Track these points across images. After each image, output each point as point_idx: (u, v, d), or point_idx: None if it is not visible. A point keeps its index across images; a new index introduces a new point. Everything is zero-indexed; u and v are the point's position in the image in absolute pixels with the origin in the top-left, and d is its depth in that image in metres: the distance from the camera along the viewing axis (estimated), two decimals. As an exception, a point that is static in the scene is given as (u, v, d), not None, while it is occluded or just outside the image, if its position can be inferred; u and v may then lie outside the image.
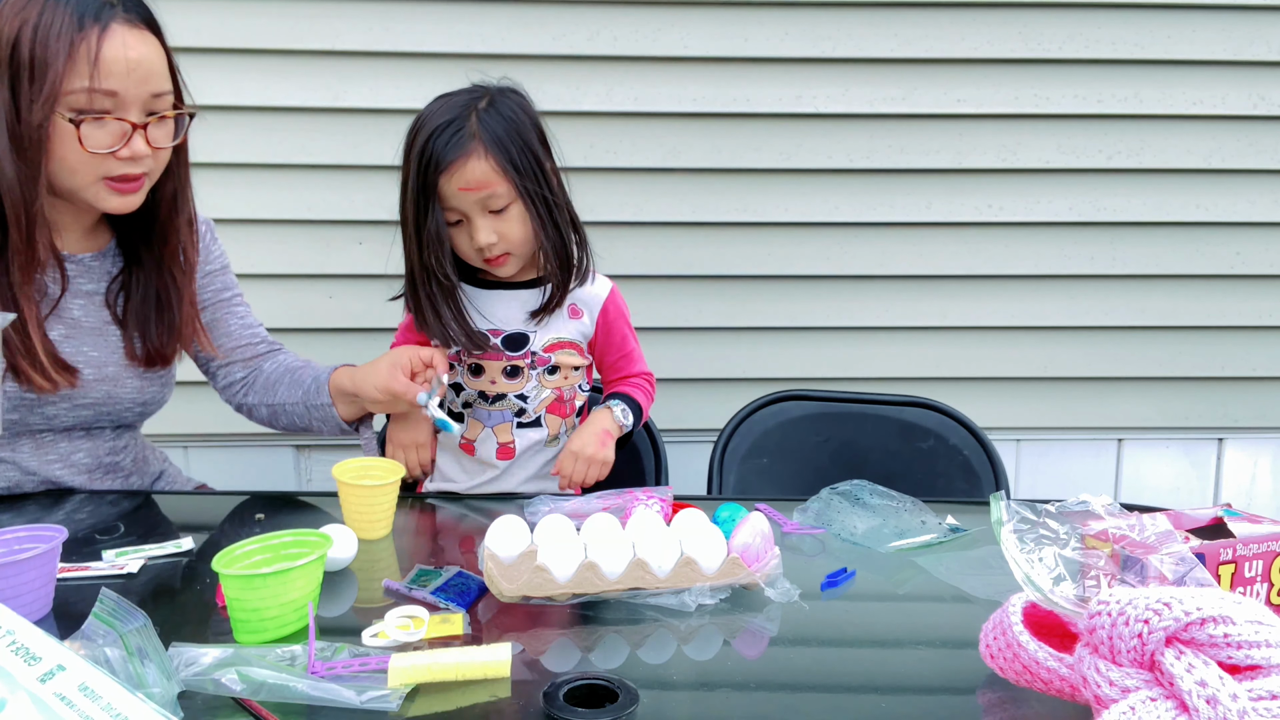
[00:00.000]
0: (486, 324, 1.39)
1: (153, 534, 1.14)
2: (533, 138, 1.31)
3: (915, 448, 1.71)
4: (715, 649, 0.86)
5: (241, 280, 2.01)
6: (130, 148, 1.14)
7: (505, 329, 1.39)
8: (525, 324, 1.39)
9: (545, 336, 1.40)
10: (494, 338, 1.38)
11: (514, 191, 1.29)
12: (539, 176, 1.31)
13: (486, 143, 1.27)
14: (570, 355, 1.43)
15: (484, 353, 1.39)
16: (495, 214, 1.30)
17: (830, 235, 2.01)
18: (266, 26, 1.84)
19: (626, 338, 1.49)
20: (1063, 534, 0.80)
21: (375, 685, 0.74)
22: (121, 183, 1.16)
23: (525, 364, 1.40)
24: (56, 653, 0.63)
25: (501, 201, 1.29)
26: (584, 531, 0.98)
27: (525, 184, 1.30)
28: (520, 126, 1.30)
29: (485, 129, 1.27)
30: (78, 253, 1.27)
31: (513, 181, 1.28)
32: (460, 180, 1.27)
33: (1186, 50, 1.96)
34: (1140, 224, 2.04)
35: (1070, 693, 0.72)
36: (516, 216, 1.31)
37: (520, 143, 1.29)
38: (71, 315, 1.26)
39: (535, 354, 1.40)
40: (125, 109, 1.13)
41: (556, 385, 1.42)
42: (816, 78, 1.94)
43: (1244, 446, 2.18)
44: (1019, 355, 2.09)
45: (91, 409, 1.28)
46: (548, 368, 1.41)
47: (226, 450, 2.02)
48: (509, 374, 1.40)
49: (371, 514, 1.13)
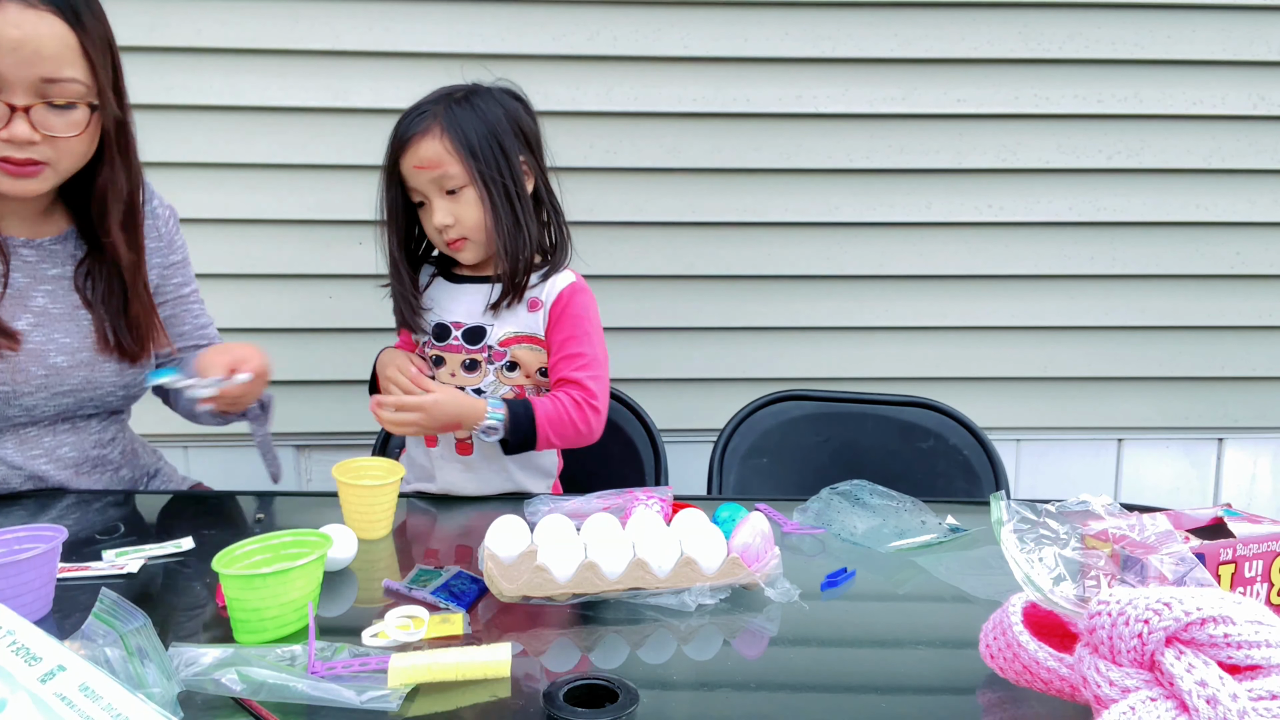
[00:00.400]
0: (450, 316, 1.40)
1: (152, 534, 1.14)
2: (504, 130, 1.33)
3: (915, 448, 1.71)
4: (715, 649, 0.86)
5: (241, 280, 2.01)
6: (8, 130, 1.10)
7: (466, 322, 1.40)
8: (484, 317, 1.40)
9: (502, 330, 1.39)
10: (455, 330, 1.39)
11: (468, 175, 1.31)
12: (500, 165, 1.33)
13: (444, 124, 1.31)
14: (531, 351, 1.40)
15: (446, 344, 1.40)
16: (451, 196, 1.33)
17: (830, 235, 2.01)
18: (266, 26, 1.84)
19: (576, 337, 1.39)
20: (1063, 534, 0.80)
21: (375, 685, 0.74)
22: (11, 165, 1.13)
23: (483, 358, 1.39)
24: (57, 653, 0.63)
25: (454, 183, 1.32)
26: (584, 531, 0.98)
27: (482, 169, 1.31)
28: (491, 117, 1.33)
29: (449, 113, 1.31)
30: (33, 237, 1.26)
31: (467, 165, 1.31)
32: (415, 158, 1.32)
33: (1186, 50, 1.96)
34: (1140, 224, 2.04)
35: (1070, 693, 0.72)
36: (471, 201, 1.33)
37: (485, 130, 1.32)
38: (38, 304, 1.24)
39: (491, 348, 1.39)
40: (9, 90, 1.09)
41: (518, 384, 1.41)
42: (816, 78, 1.94)
43: (1244, 446, 2.18)
44: (1019, 355, 2.09)
45: (71, 396, 1.27)
46: (506, 363, 1.39)
47: (227, 450, 2.02)
48: (468, 368, 1.39)
49: (371, 514, 1.13)
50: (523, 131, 1.37)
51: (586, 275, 1.83)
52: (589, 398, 1.37)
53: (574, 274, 1.44)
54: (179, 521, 1.21)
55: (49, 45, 1.10)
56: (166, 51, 1.82)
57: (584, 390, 1.37)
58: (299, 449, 2.05)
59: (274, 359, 1.95)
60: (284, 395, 1.97)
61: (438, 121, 1.31)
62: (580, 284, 1.43)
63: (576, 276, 1.44)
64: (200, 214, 1.89)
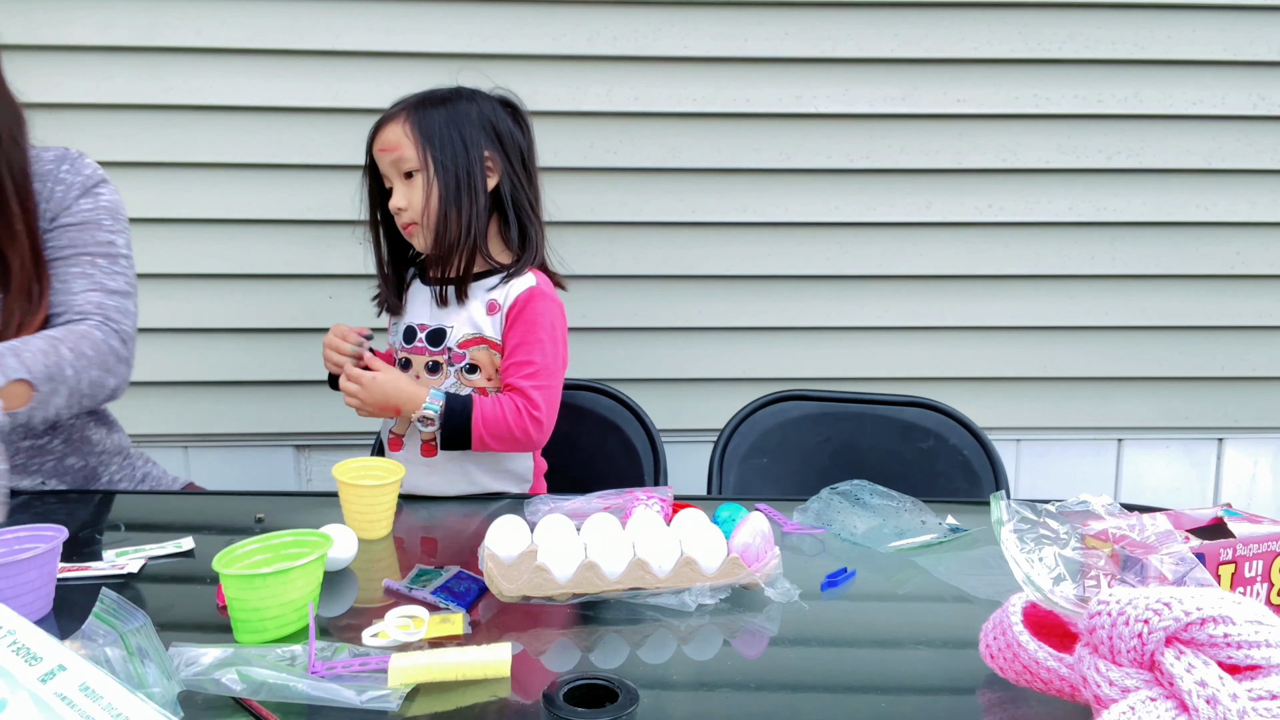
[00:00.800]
0: (416, 319, 1.42)
1: (153, 534, 1.14)
2: (471, 124, 1.36)
3: (915, 448, 1.71)
4: (715, 649, 0.86)
5: (241, 280, 2.01)
6: None
7: (430, 324, 1.41)
8: (438, 314, 1.41)
9: (460, 332, 1.39)
10: (420, 332, 1.41)
11: (420, 159, 1.34)
12: (455, 154, 1.35)
13: (409, 110, 1.35)
14: (489, 353, 1.40)
15: (413, 347, 1.41)
16: (408, 180, 1.36)
17: (830, 235, 2.01)
18: (266, 26, 1.84)
19: (528, 344, 1.36)
20: (1063, 534, 0.80)
21: (375, 685, 0.74)
22: None
23: (444, 359, 1.40)
24: (57, 653, 0.63)
25: (408, 165, 1.35)
26: (584, 531, 0.98)
27: (435, 155, 1.34)
28: (463, 114, 1.36)
29: (419, 104, 1.36)
30: None
31: (420, 148, 1.33)
32: (379, 142, 1.37)
33: (1186, 50, 1.96)
34: (1140, 224, 2.04)
35: (1070, 693, 0.72)
36: (420, 185, 1.35)
37: (450, 122, 1.35)
38: None
39: (451, 350, 1.39)
40: None
41: (479, 386, 1.40)
42: (816, 78, 1.94)
43: (1244, 446, 2.18)
44: (1019, 355, 2.09)
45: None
46: (465, 366, 1.39)
47: (226, 450, 2.02)
48: (430, 369, 1.40)
49: (372, 514, 1.13)
50: (495, 130, 1.39)
51: (586, 275, 1.83)
52: (530, 407, 1.34)
53: (537, 278, 1.40)
54: (179, 521, 1.21)
55: None
56: (166, 51, 1.83)
57: (527, 399, 1.34)
58: (299, 449, 2.05)
59: (274, 359, 1.97)
60: (284, 395, 1.99)
61: (405, 109, 1.36)
62: (541, 289, 1.39)
63: (539, 280, 1.40)
64: (200, 214, 1.90)
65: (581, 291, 1.93)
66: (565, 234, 1.95)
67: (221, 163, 1.88)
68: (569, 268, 1.94)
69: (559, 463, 1.55)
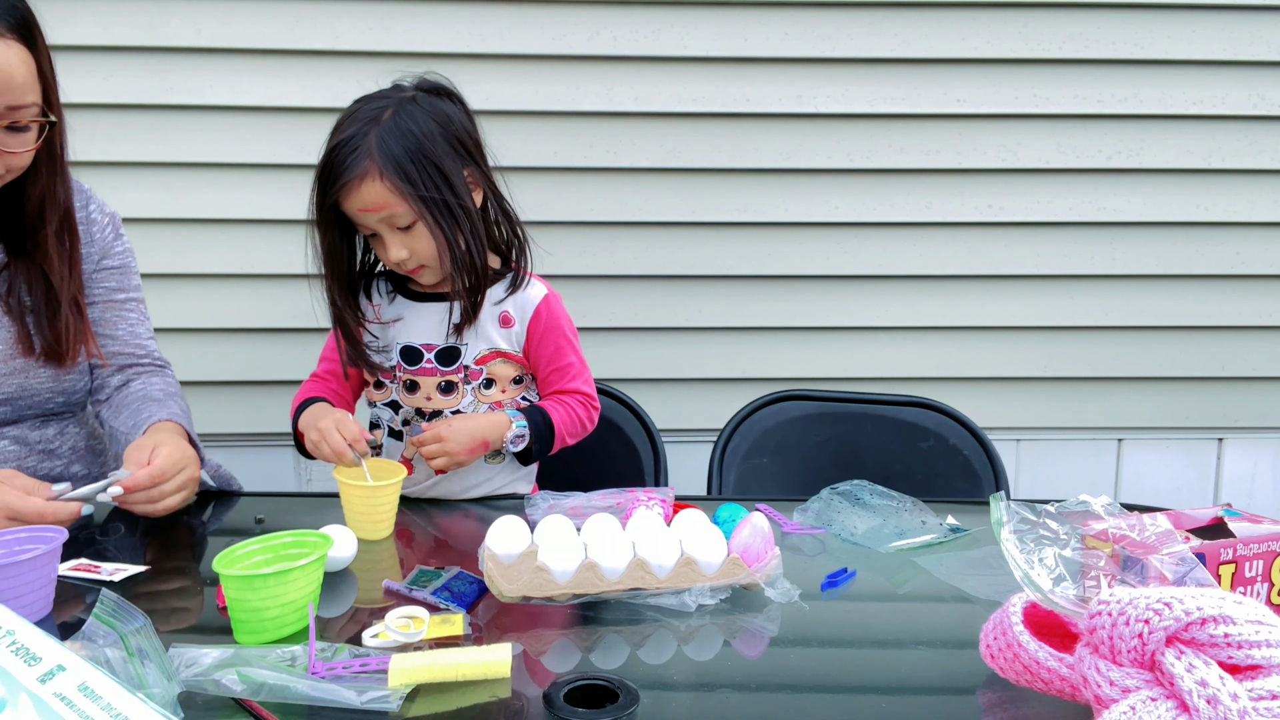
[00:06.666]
0: (418, 339, 1.36)
1: (152, 534, 1.14)
2: (438, 147, 1.26)
3: (915, 448, 1.71)
4: (715, 649, 0.86)
5: (241, 280, 2.00)
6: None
7: (437, 343, 1.36)
8: (451, 337, 1.36)
9: (477, 348, 1.36)
10: (427, 353, 1.36)
11: (415, 211, 1.25)
12: (443, 191, 1.26)
13: (381, 163, 1.23)
14: (506, 366, 1.38)
15: (419, 368, 1.36)
16: (404, 231, 1.27)
17: (830, 235, 2.01)
18: (266, 26, 1.84)
19: (562, 349, 1.40)
20: (1063, 534, 0.80)
21: (375, 686, 0.74)
22: None
23: (459, 379, 1.36)
24: (57, 653, 0.63)
25: (404, 220, 1.26)
26: (584, 531, 0.98)
27: (426, 200, 1.25)
28: (423, 138, 1.25)
29: (382, 147, 1.23)
30: None
31: (411, 201, 1.24)
32: (358, 202, 1.25)
33: (1186, 50, 1.96)
34: (1140, 224, 2.04)
35: (1070, 693, 0.72)
36: (423, 233, 1.27)
37: (420, 157, 1.24)
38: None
39: (468, 368, 1.36)
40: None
41: (495, 400, 1.38)
42: (816, 78, 1.94)
43: (1244, 446, 2.18)
44: (1019, 355, 2.09)
45: (9, 404, 1.24)
46: (482, 382, 1.37)
47: (226, 450, 2.02)
48: (444, 390, 1.36)
49: (372, 515, 1.13)
50: (460, 142, 1.30)
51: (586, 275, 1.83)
52: (588, 401, 1.43)
53: (541, 283, 1.41)
54: (178, 522, 1.21)
55: (15, 75, 1.07)
56: (166, 51, 1.83)
57: (580, 394, 1.42)
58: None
59: (275, 359, 1.97)
60: (285, 395, 1.98)
61: (372, 160, 1.23)
62: (551, 293, 1.41)
63: (545, 286, 1.41)
64: (200, 214, 1.90)
65: (581, 291, 1.93)
66: (566, 234, 1.95)
67: (221, 163, 1.88)
68: (569, 268, 1.95)
69: (559, 462, 1.55)
